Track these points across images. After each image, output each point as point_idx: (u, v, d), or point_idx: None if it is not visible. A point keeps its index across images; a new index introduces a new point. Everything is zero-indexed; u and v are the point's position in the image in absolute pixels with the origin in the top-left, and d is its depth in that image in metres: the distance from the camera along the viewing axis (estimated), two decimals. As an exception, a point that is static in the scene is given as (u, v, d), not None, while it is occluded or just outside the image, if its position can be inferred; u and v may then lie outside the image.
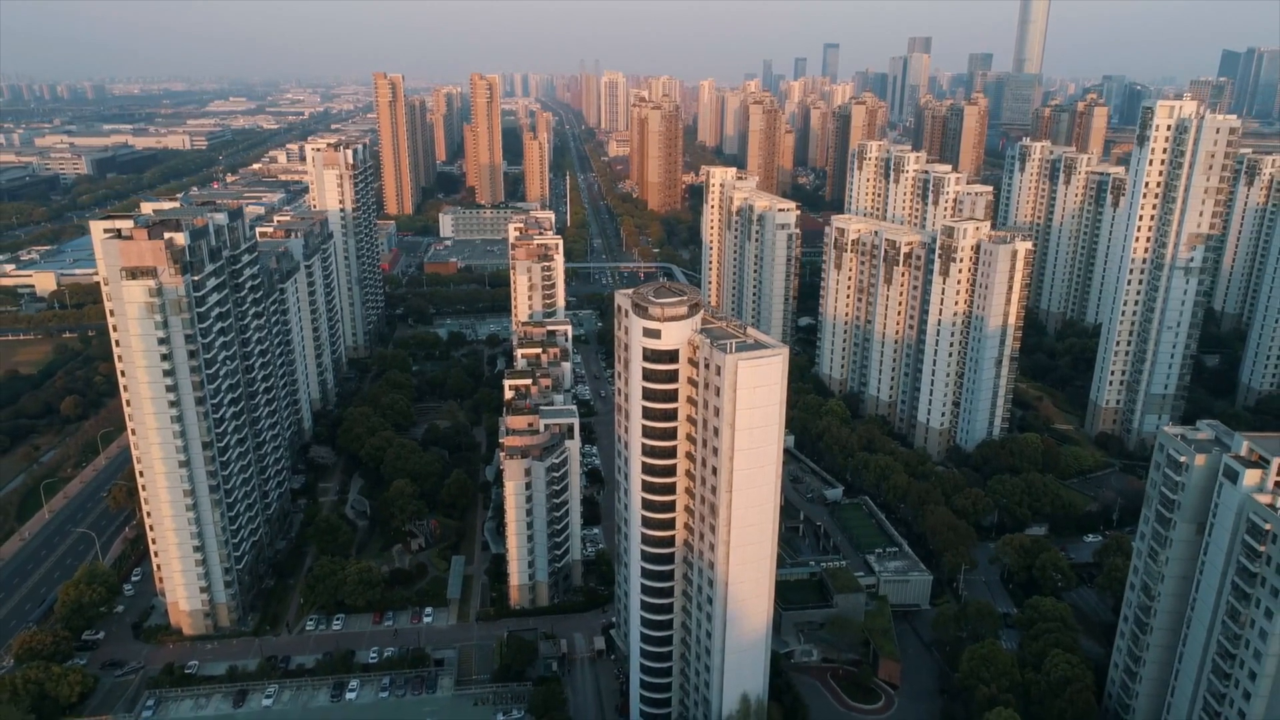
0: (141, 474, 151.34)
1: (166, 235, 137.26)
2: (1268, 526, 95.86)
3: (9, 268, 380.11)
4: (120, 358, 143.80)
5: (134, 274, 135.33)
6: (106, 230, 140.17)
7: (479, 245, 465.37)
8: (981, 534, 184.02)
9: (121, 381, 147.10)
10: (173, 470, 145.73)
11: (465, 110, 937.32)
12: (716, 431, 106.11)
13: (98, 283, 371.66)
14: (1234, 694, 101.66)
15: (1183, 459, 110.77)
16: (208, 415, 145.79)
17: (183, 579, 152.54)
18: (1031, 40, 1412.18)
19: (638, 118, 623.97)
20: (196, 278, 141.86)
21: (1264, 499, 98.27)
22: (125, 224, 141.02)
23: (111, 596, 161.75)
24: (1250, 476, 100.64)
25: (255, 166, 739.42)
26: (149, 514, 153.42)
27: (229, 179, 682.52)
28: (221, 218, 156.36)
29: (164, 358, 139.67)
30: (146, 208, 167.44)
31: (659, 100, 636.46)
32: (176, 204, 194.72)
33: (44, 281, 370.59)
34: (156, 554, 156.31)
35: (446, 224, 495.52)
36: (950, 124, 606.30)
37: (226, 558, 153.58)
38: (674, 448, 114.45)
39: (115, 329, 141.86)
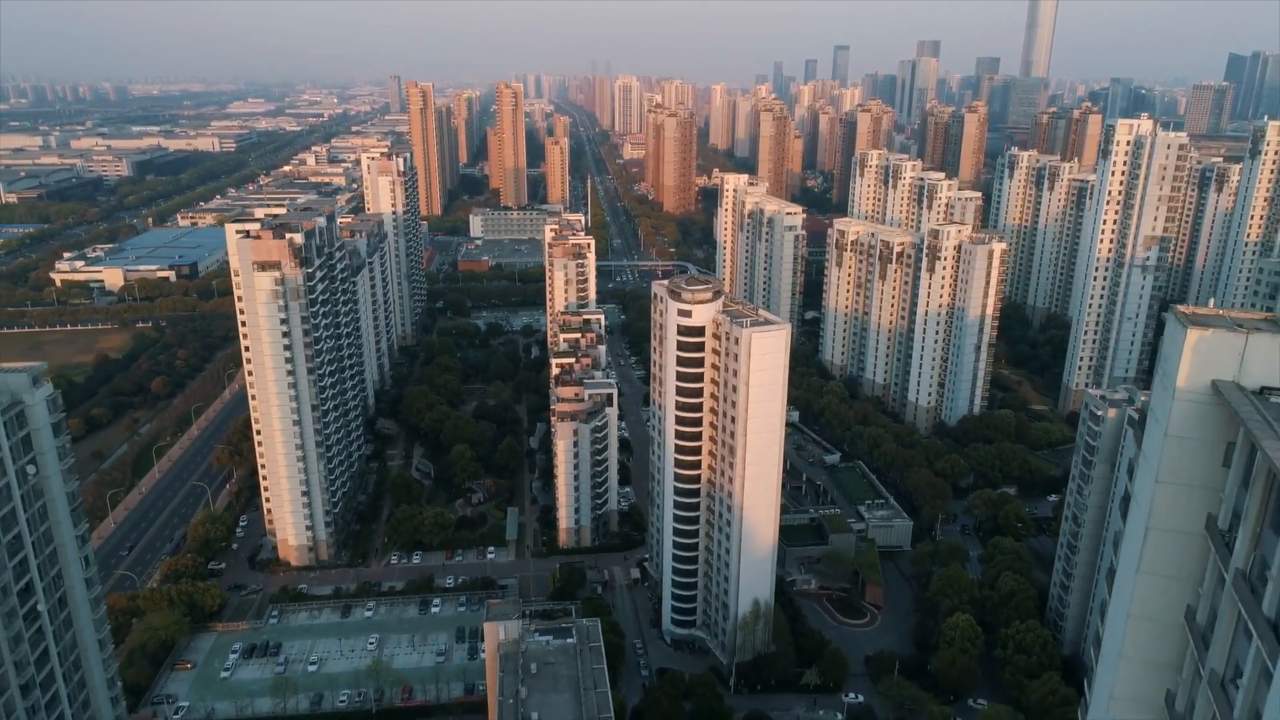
0: (259, 432, 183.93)
1: (287, 235, 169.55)
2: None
3: (79, 264, 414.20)
4: (246, 335, 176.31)
5: (263, 266, 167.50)
6: (238, 231, 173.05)
7: (507, 244, 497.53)
8: (959, 494, 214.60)
9: (245, 355, 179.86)
10: (287, 428, 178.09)
11: (483, 113, 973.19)
12: (734, 389, 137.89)
13: (162, 278, 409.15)
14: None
15: (1100, 412, 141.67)
16: (315, 383, 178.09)
17: (291, 519, 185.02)
18: (1039, 43, 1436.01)
19: (653, 124, 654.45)
20: (310, 270, 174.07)
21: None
22: (253, 226, 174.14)
23: (229, 535, 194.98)
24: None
25: (286, 169, 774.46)
26: (264, 465, 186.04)
27: (263, 180, 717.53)
28: (322, 221, 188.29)
29: (284, 334, 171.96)
30: (260, 212, 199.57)
31: (674, 107, 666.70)
32: (284, 210, 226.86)
33: (112, 277, 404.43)
34: (268, 499, 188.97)
35: (476, 224, 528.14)
36: (952, 130, 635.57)
37: (326, 502, 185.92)
38: (700, 403, 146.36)
39: (243, 311, 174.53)
